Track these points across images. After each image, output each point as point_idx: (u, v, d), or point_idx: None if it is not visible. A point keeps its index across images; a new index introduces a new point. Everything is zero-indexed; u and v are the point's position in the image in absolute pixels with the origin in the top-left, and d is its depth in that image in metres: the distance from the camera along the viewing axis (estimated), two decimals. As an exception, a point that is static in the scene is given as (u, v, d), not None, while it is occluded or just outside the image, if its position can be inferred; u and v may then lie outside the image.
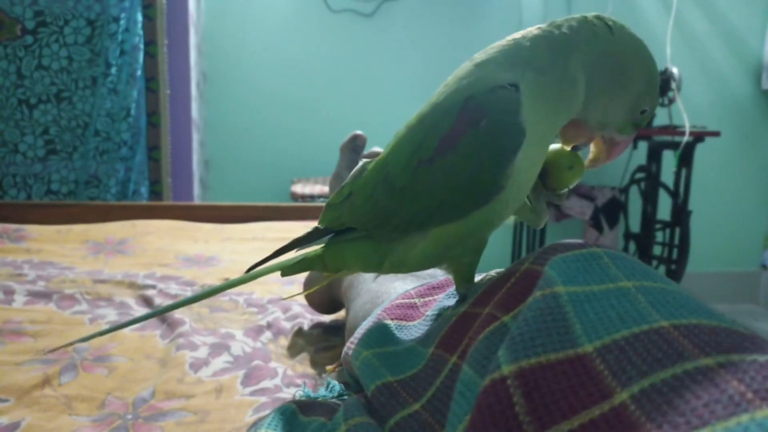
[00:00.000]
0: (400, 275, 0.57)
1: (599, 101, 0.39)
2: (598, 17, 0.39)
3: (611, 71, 0.38)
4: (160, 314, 0.46)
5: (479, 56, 0.39)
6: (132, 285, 0.88)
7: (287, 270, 0.49)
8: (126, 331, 0.71)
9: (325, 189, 1.89)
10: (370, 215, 0.42)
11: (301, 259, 0.49)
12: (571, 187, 0.45)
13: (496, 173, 0.36)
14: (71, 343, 0.47)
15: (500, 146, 0.36)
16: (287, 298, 0.59)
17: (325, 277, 0.51)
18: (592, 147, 0.44)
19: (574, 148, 0.43)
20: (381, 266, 0.44)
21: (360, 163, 0.46)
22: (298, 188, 1.90)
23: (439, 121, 0.38)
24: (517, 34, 0.39)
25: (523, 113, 0.36)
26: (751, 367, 0.22)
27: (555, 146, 0.44)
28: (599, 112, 0.40)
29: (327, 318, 0.77)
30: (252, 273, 0.48)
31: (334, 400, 0.48)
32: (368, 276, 0.62)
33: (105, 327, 0.72)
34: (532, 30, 0.39)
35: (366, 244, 0.44)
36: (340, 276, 0.48)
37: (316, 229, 0.47)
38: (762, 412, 0.20)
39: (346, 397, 0.48)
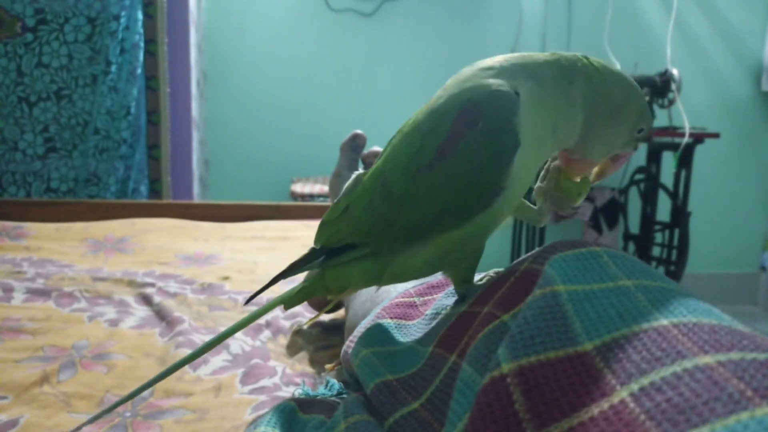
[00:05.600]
0: None
1: (598, 138, 0.40)
2: (585, 57, 0.40)
3: (606, 110, 0.39)
4: (189, 362, 0.47)
5: (484, 63, 0.40)
6: (131, 283, 0.88)
7: (290, 301, 0.48)
8: (125, 329, 0.71)
9: (325, 188, 1.89)
10: (369, 226, 0.41)
11: (302, 288, 0.47)
12: (578, 205, 0.45)
13: (497, 174, 0.36)
14: (125, 399, 0.46)
15: (498, 147, 0.36)
16: (307, 324, 0.58)
17: (329, 300, 0.50)
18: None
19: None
20: (381, 278, 0.43)
21: (354, 176, 0.45)
22: (298, 187, 1.90)
23: (437, 125, 0.38)
24: (524, 53, 0.40)
25: (520, 116, 0.36)
26: (750, 365, 0.22)
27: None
28: (599, 147, 0.41)
29: (326, 317, 0.77)
30: (256, 312, 0.46)
31: (333, 398, 0.48)
32: None
33: (104, 325, 0.72)
34: (538, 54, 0.40)
35: (365, 258, 0.43)
36: (344, 296, 0.47)
37: (312, 250, 0.46)
38: (762, 410, 0.20)
39: (345, 396, 0.48)
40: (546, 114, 0.37)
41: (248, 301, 0.49)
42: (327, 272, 0.46)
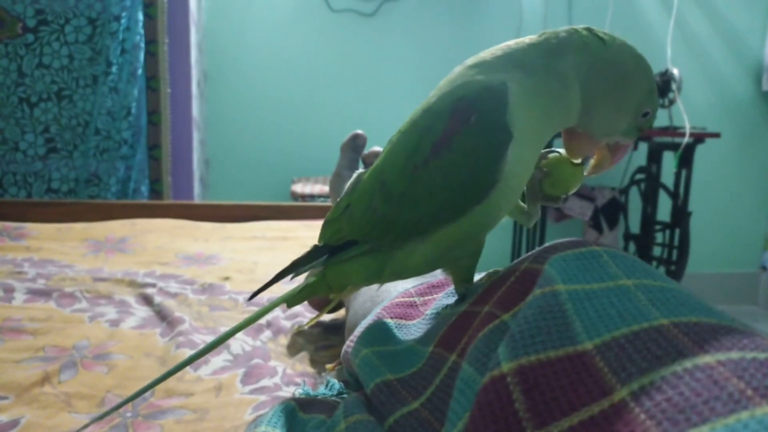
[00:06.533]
0: None
1: (601, 110, 0.39)
2: (588, 29, 0.39)
3: (609, 80, 0.38)
4: (193, 362, 0.47)
5: (471, 60, 0.40)
6: (132, 283, 0.88)
7: (292, 300, 0.48)
8: (126, 329, 0.71)
9: (325, 188, 1.89)
10: (370, 225, 0.41)
11: (304, 287, 0.48)
12: (570, 193, 0.45)
13: (491, 167, 0.37)
14: (126, 401, 0.47)
15: (491, 141, 0.36)
16: (308, 324, 0.59)
17: (332, 299, 0.50)
18: (595, 152, 0.44)
19: (583, 161, 0.44)
20: (381, 276, 0.43)
21: (355, 174, 0.46)
22: (298, 188, 1.90)
23: (432, 123, 0.38)
24: (510, 42, 0.40)
25: (510, 110, 0.36)
26: (750, 364, 0.22)
27: (555, 154, 0.44)
28: (603, 121, 0.40)
29: (326, 317, 0.77)
30: (259, 311, 0.47)
31: (333, 398, 0.48)
32: None
33: (104, 325, 0.72)
34: (525, 39, 0.40)
35: (366, 255, 0.43)
36: (346, 294, 0.47)
37: (315, 248, 0.46)
38: (762, 409, 0.20)
39: (345, 395, 0.48)
40: (537, 103, 0.37)
41: (251, 297, 0.49)
42: (329, 270, 0.46)
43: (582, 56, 0.38)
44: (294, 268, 0.46)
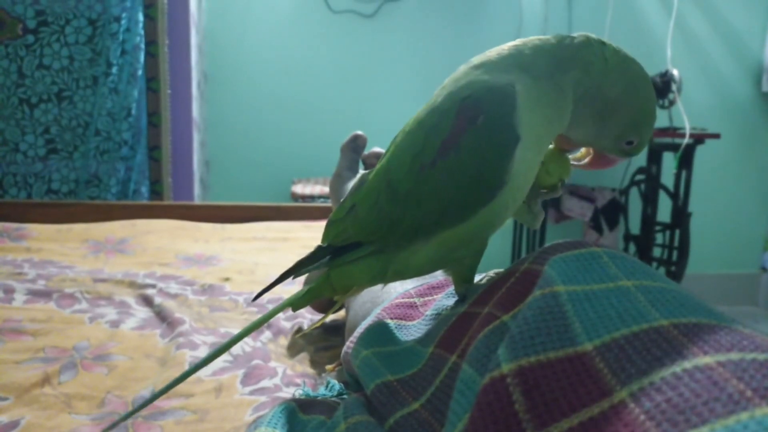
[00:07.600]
0: None
1: (583, 127, 0.40)
2: (602, 43, 0.39)
3: (596, 106, 0.39)
4: (204, 366, 0.46)
5: (477, 59, 0.40)
6: (132, 284, 0.88)
7: (297, 304, 0.48)
8: (126, 330, 0.71)
9: (325, 189, 1.89)
10: (375, 225, 0.41)
11: (309, 290, 0.48)
12: (565, 180, 0.45)
13: (498, 168, 0.37)
14: (132, 412, 0.45)
15: (499, 142, 0.36)
16: (310, 329, 0.59)
17: (336, 300, 0.50)
18: (582, 148, 0.45)
19: (564, 151, 0.44)
20: (385, 276, 0.43)
21: (359, 175, 0.46)
22: (299, 189, 1.90)
23: (439, 122, 0.38)
24: (519, 41, 0.40)
25: (518, 111, 0.36)
26: (750, 365, 0.22)
27: None
28: (583, 136, 0.41)
29: (327, 318, 0.77)
30: (267, 314, 0.47)
31: (333, 399, 0.48)
32: None
33: (105, 326, 0.72)
34: (534, 39, 0.40)
35: (370, 255, 0.43)
36: (350, 296, 0.47)
37: (319, 248, 0.46)
38: (762, 410, 0.20)
39: (345, 396, 0.48)
40: (540, 107, 0.38)
41: (256, 298, 0.49)
42: (332, 271, 0.46)
43: (582, 76, 0.38)
44: (298, 269, 0.46)
